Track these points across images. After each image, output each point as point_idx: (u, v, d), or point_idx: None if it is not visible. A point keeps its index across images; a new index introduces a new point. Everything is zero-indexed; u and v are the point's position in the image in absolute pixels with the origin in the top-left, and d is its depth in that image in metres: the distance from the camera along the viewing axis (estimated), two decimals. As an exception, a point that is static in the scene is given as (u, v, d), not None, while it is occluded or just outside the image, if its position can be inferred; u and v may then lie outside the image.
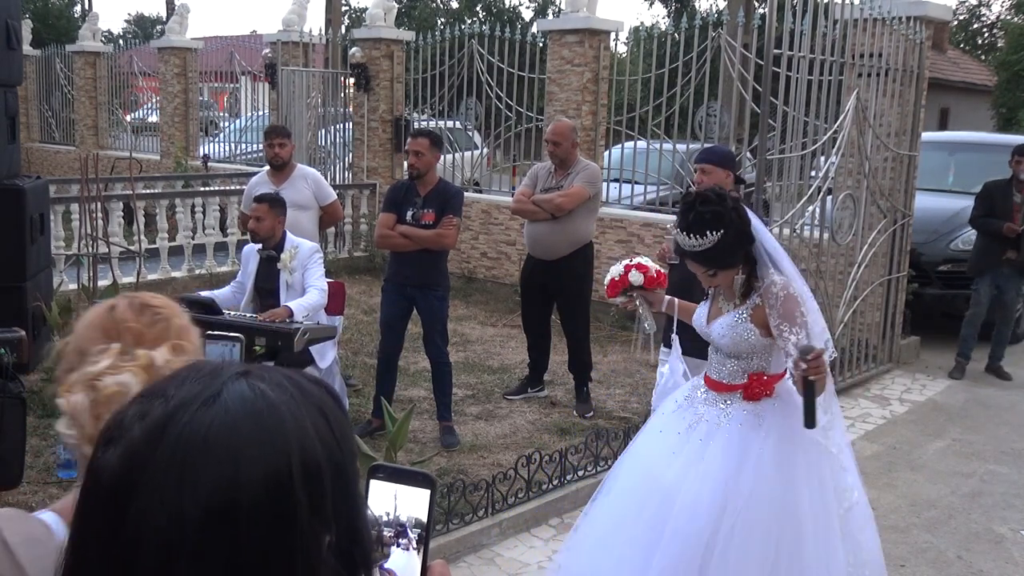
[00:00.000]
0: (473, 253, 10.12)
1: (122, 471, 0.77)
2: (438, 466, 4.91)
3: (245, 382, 0.81)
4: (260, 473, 0.76)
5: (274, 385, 0.82)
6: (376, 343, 5.78)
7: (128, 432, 0.78)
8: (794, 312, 2.94)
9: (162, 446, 0.76)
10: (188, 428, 0.77)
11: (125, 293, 1.35)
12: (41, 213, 6.46)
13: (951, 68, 24.68)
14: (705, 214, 2.91)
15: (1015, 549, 4.51)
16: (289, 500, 0.77)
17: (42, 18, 29.46)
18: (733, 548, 2.87)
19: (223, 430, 0.77)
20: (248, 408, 0.79)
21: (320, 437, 0.81)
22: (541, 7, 35.20)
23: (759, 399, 3.05)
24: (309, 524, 0.78)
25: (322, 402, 0.84)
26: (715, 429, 3.05)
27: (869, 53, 6.94)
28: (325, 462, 0.80)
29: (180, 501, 0.74)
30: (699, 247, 2.93)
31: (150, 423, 0.78)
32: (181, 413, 0.78)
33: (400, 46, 11.22)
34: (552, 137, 5.95)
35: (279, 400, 0.81)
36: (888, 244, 7.41)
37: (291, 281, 5.15)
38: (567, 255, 5.89)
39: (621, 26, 9.53)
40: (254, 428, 0.78)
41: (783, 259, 3.07)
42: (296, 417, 0.80)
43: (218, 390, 0.80)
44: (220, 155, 14.50)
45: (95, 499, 0.78)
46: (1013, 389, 7.28)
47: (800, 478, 2.95)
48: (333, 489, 0.80)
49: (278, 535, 0.76)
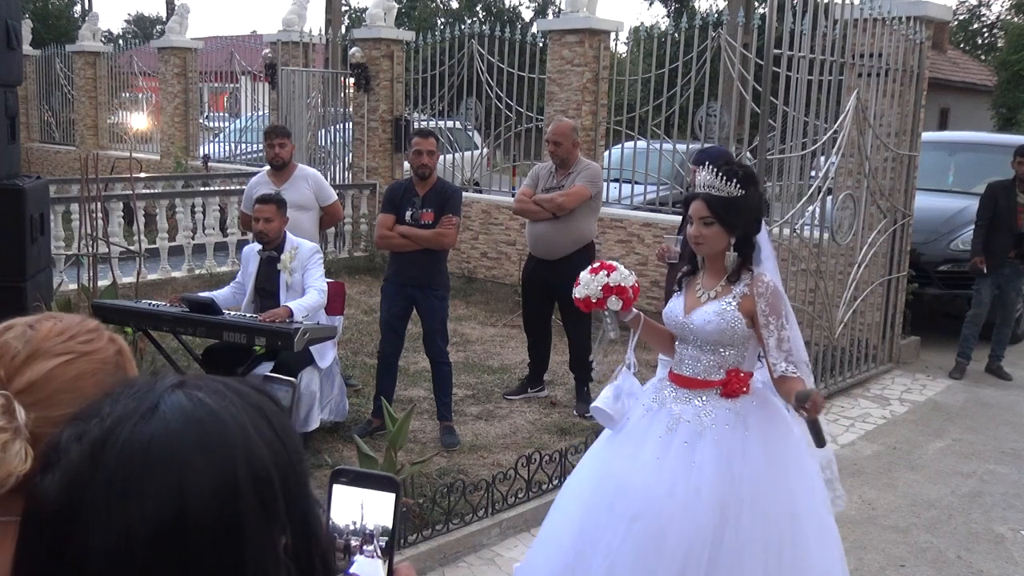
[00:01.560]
0: (473, 253, 10.12)
1: (63, 494, 0.74)
2: (438, 466, 4.92)
3: (182, 392, 0.79)
4: (207, 482, 0.74)
5: (212, 392, 0.80)
6: (376, 343, 5.77)
7: (65, 454, 0.76)
8: (779, 307, 2.95)
9: (102, 465, 0.74)
10: (128, 444, 0.75)
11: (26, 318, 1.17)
12: (41, 213, 6.43)
13: (951, 68, 24.69)
14: (739, 171, 2.97)
15: (1015, 549, 4.51)
16: (239, 507, 0.75)
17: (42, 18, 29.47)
18: (737, 550, 2.84)
19: (164, 442, 0.75)
20: (188, 418, 0.77)
21: (264, 440, 0.79)
22: (541, 7, 35.22)
23: (738, 395, 3.00)
24: (261, 529, 0.76)
25: (261, 404, 0.82)
26: (699, 431, 2.97)
27: (869, 53, 6.93)
28: (272, 465, 0.78)
29: (127, 519, 0.72)
30: (717, 190, 2.95)
31: (87, 443, 0.76)
32: (119, 429, 0.76)
33: (400, 46, 11.22)
34: (553, 137, 5.95)
35: (219, 407, 0.79)
36: (888, 244, 7.41)
37: (291, 282, 5.16)
38: (568, 255, 5.88)
39: (621, 26, 9.53)
40: (196, 438, 0.76)
41: (772, 267, 3.06)
42: (239, 422, 0.78)
43: (155, 403, 0.78)
44: (220, 155, 14.51)
45: (36, 526, 0.76)
46: (1013, 389, 7.28)
47: (792, 476, 2.94)
48: (283, 491, 0.79)
49: (230, 543, 0.74)
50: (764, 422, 2.99)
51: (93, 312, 5.22)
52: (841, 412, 6.51)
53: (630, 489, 2.98)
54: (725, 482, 2.90)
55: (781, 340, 2.93)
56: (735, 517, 2.86)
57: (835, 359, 6.89)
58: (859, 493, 5.09)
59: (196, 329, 4.88)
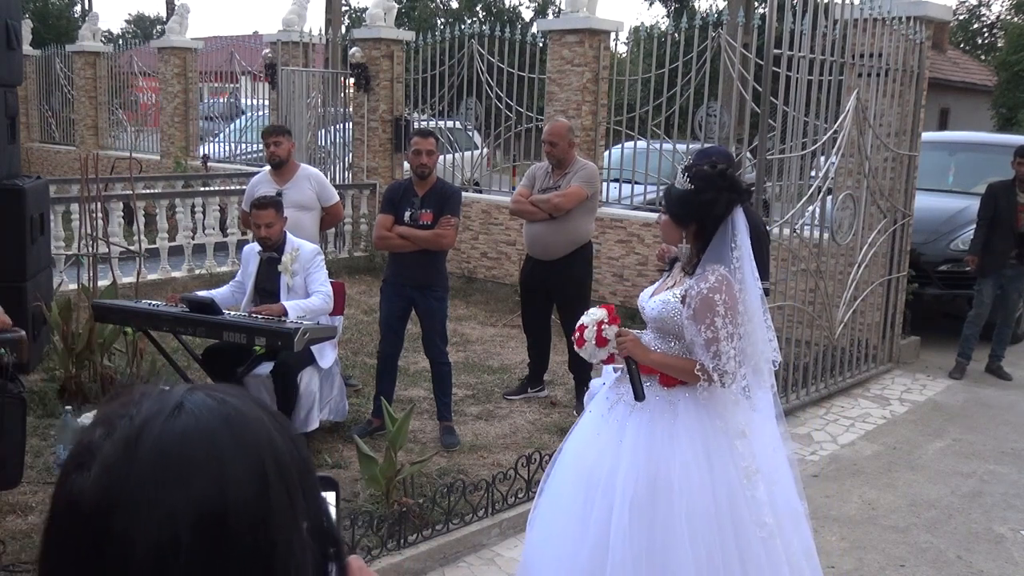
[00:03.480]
0: (473, 253, 10.13)
1: (100, 490, 0.77)
2: (438, 466, 4.92)
3: (202, 393, 0.84)
4: (242, 471, 0.79)
5: (229, 394, 0.85)
6: (376, 343, 5.77)
7: (99, 452, 0.79)
8: (704, 313, 2.93)
9: (138, 459, 0.77)
10: (162, 438, 0.78)
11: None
12: (41, 213, 6.46)
13: (951, 68, 24.69)
14: (694, 167, 3.07)
15: (1015, 549, 4.51)
16: (269, 493, 0.80)
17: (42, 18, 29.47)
18: (666, 534, 2.87)
19: (199, 435, 0.79)
20: (215, 413, 0.82)
21: (281, 437, 0.85)
22: (541, 7, 35.19)
23: (673, 385, 3.06)
24: (288, 514, 0.81)
25: (269, 409, 0.88)
26: (629, 411, 3.08)
27: (869, 53, 6.94)
28: (289, 458, 0.84)
29: (171, 507, 0.76)
30: (674, 183, 3.10)
31: (120, 440, 0.79)
32: (151, 425, 0.79)
33: (400, 46, 11.22)
34: (549, 137, 5.95)
35: (240, 405, 0.84)
36: (888, 244, 7.41)
37: (292, 284, 5.14)
38: (566, 255, 5.88)
39: (621, 26, 9.53)
40: (227, 429, 0.81)
41: (747, 275, 3.00)
42: (258, 418, 0.84)
43: (179, 401, 0.82)
44: (220, 155, 14.51)
45: (71, 524, 0.78)
46: (1013, 389, 7.28)
47: (729, 468, 2.93)
48: (300, 481, 0.84)
49: (264, 526, 0.79)
50: (697, 418, 3.00)
51: (93, 312, 5.23)
52: (841, 412, 6.51)
53: (576, 462, 3.15)
54: (646, 463, 2.94)
55: (709, 342, 2.92)
56: (666, 501, 2.89)
57: (835, 359, 6.89)
58: (859, 493, 5.10)
59: (196, 329, 4.88)
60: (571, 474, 3.14)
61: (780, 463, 3.08)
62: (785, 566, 2.93)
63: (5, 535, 3.96)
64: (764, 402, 3.11)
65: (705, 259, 3.02)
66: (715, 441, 2.98)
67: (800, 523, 3.07)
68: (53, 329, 5.83)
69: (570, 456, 3.20)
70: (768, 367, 3.08)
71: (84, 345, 5.58)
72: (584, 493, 3.04)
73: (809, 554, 3.07)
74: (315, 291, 5.13)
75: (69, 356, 5.63)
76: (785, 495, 3.04)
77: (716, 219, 3.01)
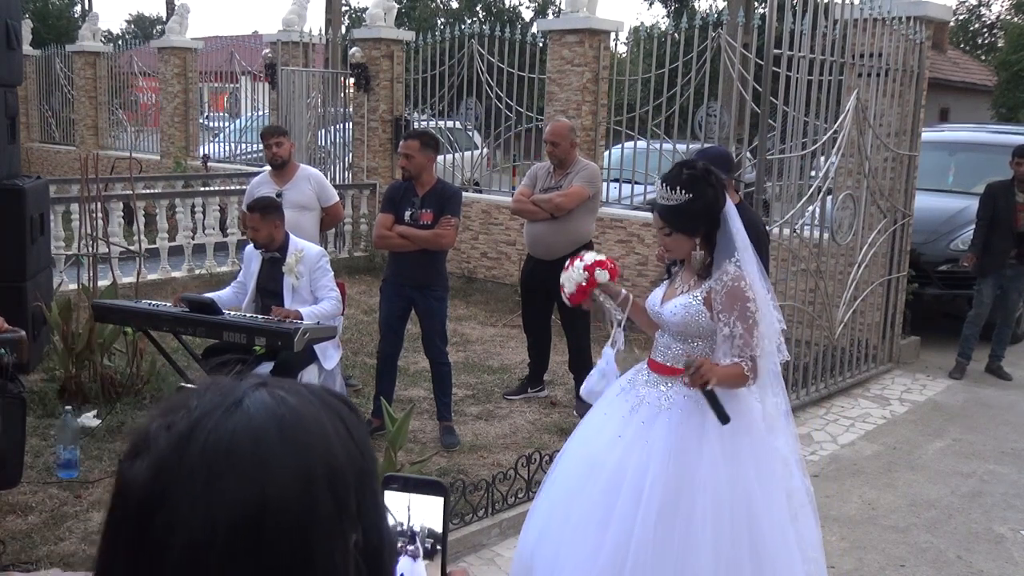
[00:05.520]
0: (473, 253, 10.13)
1: (150, 481, 0.78)
2: (438, 466, 4.92)
3: (265, 390, 0.83)
4: (287, 476, 0.78)
5: (293, 392, 0.84)
6: (376, 343, 5.77)
7: (154, 443, 0.80)
8: (733, 304, 3.00)
9: (188, 454, 0.78)
10: (213, 435, 0.78)
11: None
12: (41, 213, 6.46)
13: (951, 68, 24.70)
14: (683, 174, 3.05)
15: (1015, 549, 4.51)
16: (313, 501, 0.79)
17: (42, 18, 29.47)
18: (687, 534, 2.89)
19: (248, 435, 0.79)
20: (270, 413, 0.81)
21: (341, 441, 0.83)
22: (541, 7, 35.21)
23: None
24: (334, 524, 0.80)
25: (340, 410, 0.86)
26: (656, 412, 3.09)
27: (869, 53, 6.93)
28: (347, 465, 0.82)
29: (209, 507, 0.76)
30: (666, 200, 3.05)
31: (175, 433, 0.79)
32: (205, 421, 0.79)
33: (400, 46, 11.22)
34: (550, 137, 5.95)
35: (299, 405, 0.82)
36: (888, 244, 7.41)
37: (297, 286, 5.11)
38: (567, 255, 5.86)
39: (621, 26, 9.53)
40: (278, 433, 0.80)
41: (749, 259, 3.07)
42: (318, 421, 0.82)
43: (239, 398, 0.81)
44: (220, 155, 14.50)
45: (123, 510, 0.80)
46: (1013, 389, 7.28)
47: (748, 467, 2.98)
48: (356, 491, 0.82)
49: (303, 535, 0.78)
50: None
51: (93, 312, 5.23)
52: (841, 412, 6.51)
53: (592, 463, 3.13)
54: (675, 464, 2.96)
55: (733, 336, 3.00)
56: (689, 499, 2.92)
57: (835, 359, 6.89)
58: (859, 493, 5.10)
59: (196, 329, 4.87)
60: (587, 475, 3.12)
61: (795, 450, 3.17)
62: (797, 553, 2.97)
63: (5, 535, 3.97)
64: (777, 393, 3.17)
65: (717, 258, 3.07)
66: (740, 439, 3.00)
67: (809, 509, 3.13)
68: (53, 329, 5.83)
69: (584, 457, 3.19)
70: (779, 343, 3.13)
71: (84, 345, 5.58)
72: (604, 496, 3.03)
73: (817, 544, 3.12)
74: (324, 296, 5.10)
75: (69, 356, 5.63)
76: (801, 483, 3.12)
77: (718, 214, 3.06)
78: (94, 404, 5.51)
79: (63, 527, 4.12)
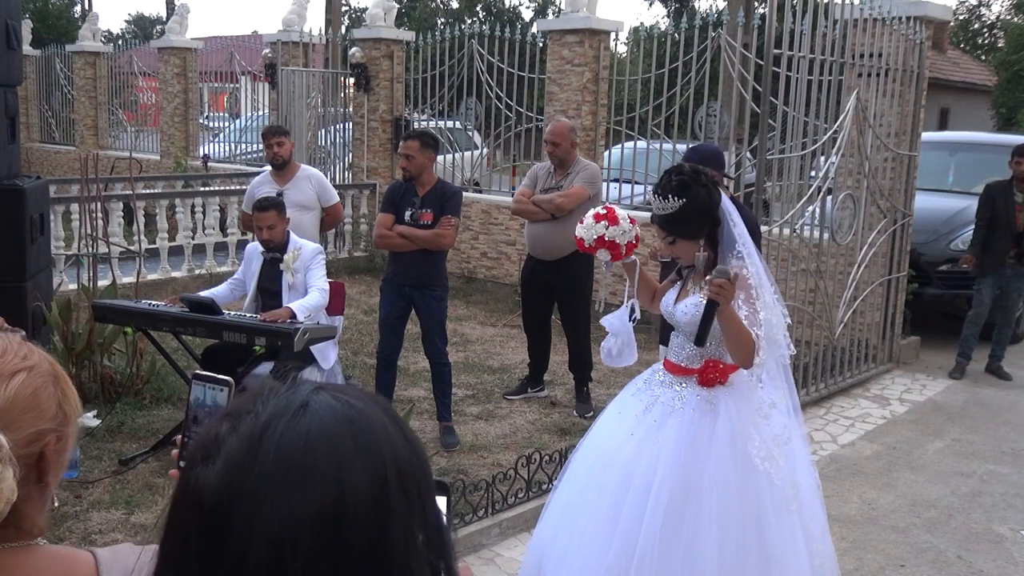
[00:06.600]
0: (473, 253, 10.12)
1: (224, 484, 0.79)
2: (438, 466, 4.92)
3: (327, 393, 0.84)
4: (363, 476, 0.79)
5: (354, 395, 0.85)
6: (376, 343, 5.78)
7: (224, 446, 0.80)
8: (738, 290, 3.00)
9: (260, 456, 0.79)
10: (286, 437, 0.79)
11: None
12: (41, 213, 6.44)
13: (951, 68, 24.70)
14: (673, 181, 3.05)
15: (1015, 549, 4.51)
16: (389, 498, 0.80)
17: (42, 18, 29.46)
18: (693, 531, 2.91)
19: (322, 436, 0.80)
20: (339, 415, 0.82)
21: (402, 443, 0.84)
22: (541, 7, 35.21)
23: (713, 385, 3.10)
24: (406, 521, 0.81)
25: (394, 414, 0.88)
26: (669, 412, 3.11)
27: (869, 53, 6.93)
28: (414, 466, 0.84)
29: (290, 506, 0.77)
30: (661, 210, 3.06)
31: (246, 435, 0.80)
32: (275, 424, 0.80)
33: (400, 46, 11.22)
34: (551, 138, 5.95)
35: (364, 407, 0.84)
36: (888, 244, 7.41)
37: (293, 282, 5.14)
38: (567, 255, 5.88)
39: (621, 26, 9.53)
40: (349, 432, 0.81)
41: (752, 253, 3.09)
42: (382, 422, 0.84)
43: (305, 400, 0.83)
44: (220, 155, 14.50)
45: (194, 514, 0.80)
46: (1013, 389, 7.28)
47: (748, 466, 2.98)
48: (419, 490, 0.84)
49: (381, 531, 0.79)
50: (737, 415, 3.05)
51: (93, 312, 5.23)
52: (841, 412, 6.51)
53: (606, 460, 3.16)
54: (684, 464, 2.97)
55: (753, 312, 3.01)
56: (696, 497, 2.93)
57: (835, 359, 6.89)
58: (859, 493, 5.10)
59: (196, 329, 4.88)
60: (600, 474, 3.14)
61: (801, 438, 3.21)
62: (805, 552, 2.98)
63: (5, 535, 3.96)
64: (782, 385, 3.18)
65: (721, 252, 3.10)
66: (749, 439, 3.01)
67: (816, 497, 3.15)
68: (53, 329, 5.83)
69: (597, 456, 3.21)
70: (783, 335, 3.13)
71: (84, 345, 5.58)
72: (614, 494, 3.05)
73: (824, 530, 3.13)
74: (312, 286, 5.12)
75: (69, 356, 5.62)
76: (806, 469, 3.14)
77: (716, 212, 3.07)
78: (94, 404, 5.51)
79: (63, 527, 4.12)
